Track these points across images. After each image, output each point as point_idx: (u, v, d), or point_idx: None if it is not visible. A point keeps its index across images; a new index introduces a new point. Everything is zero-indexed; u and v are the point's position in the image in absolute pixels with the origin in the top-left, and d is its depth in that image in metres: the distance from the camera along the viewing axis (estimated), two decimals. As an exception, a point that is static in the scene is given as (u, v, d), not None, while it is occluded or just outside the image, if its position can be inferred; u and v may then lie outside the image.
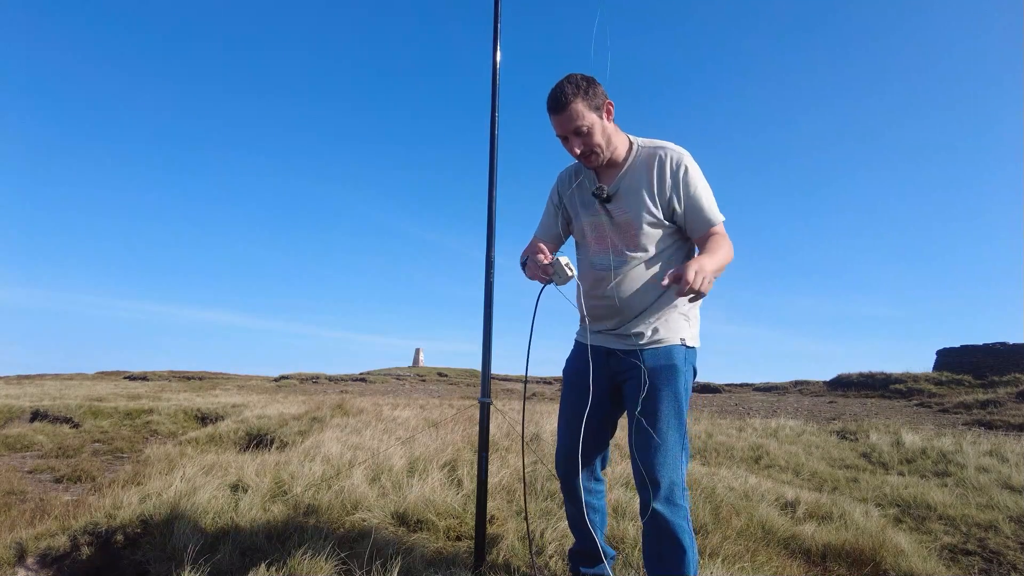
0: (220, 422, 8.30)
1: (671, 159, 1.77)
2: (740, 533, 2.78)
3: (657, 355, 1.76)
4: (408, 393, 20.03)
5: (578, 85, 1.72)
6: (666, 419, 1.73)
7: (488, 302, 2.19)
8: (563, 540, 2.47)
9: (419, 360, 40.54)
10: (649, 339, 1.78)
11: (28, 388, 17.06)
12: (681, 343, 1.78)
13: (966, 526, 3.60)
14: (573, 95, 1.70)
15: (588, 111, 1.72)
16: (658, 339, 1.77)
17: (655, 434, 1.72)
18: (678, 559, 1.71)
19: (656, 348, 1.77)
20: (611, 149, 1.81)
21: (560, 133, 1.78)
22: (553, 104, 1.73)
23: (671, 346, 1.77)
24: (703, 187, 1.78)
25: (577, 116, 1.72)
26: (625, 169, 1.82)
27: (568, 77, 1.74)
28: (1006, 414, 11.47)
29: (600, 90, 1.76)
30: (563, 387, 2.02)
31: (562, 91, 1.71)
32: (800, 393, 19.54)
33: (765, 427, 8.87)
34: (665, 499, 1.71)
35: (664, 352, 1.76)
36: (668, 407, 1.73)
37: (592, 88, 1.74)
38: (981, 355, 19.20)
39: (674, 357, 1.76)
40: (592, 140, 1.76)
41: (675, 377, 1.74)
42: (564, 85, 1.72)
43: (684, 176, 1.75)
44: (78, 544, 2.72)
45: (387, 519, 2.74)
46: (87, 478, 5.23)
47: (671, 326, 1.79)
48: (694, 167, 1.78)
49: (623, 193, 1.81)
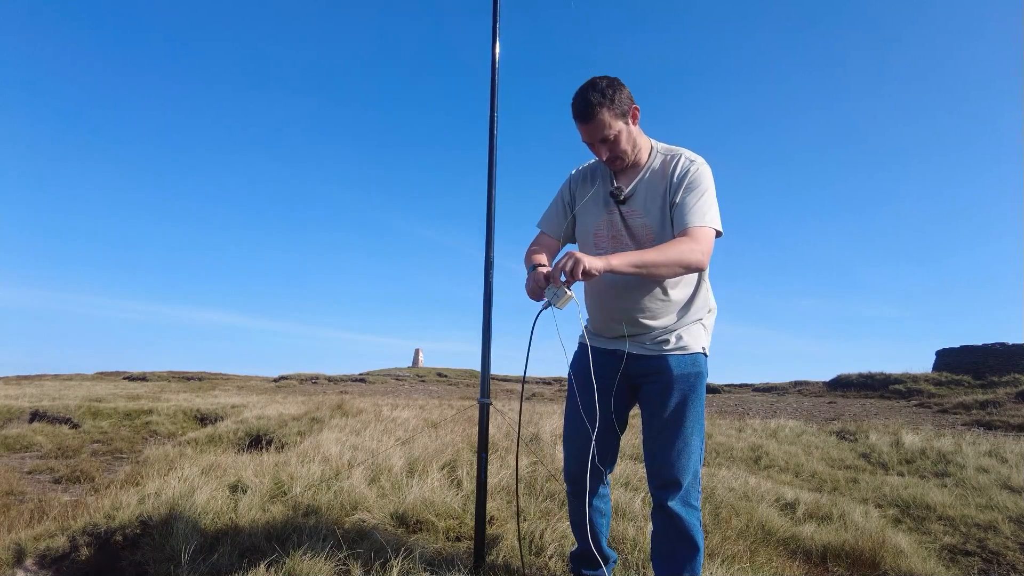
0: (219, 423, 8.30)
1: (683, 163, 1.77)
2: (740, 533, 2.78)
3: (683, 362, 1.78)
4: (408, 393, 20.02)
5: (604, 93, 1.69)
6: (691, 423, 1.77)
7: (487, 302, 2.19)
8: (563, 541, 2.46)
9: (419, 360, 40.53)
10: (675, 345, 1.79)
11: (27, 388, 17.05)
12: (702, 351, 1.82)
13: (965, 526, 3.60)
14: (600, 105, 1.69)
15: (615, 119, 1.72)
16: (683, 346, 1.80)
17: (679, 438, 1.76)
18: (691, 558, 1.74)
19: (682, 355, 1.79)
20: (635, 153, 1.81)
21: (587, 140, 1.78)
22: (579, 114, 1.72)
23: (696, 354, 1.80)
24: (701, 190, 1.73)
25: (604, 126, 1.71)
26: (642, 172, 1.82)
27: (593, 84, 1.71)
28: (1005, 415, 11.47)
29: (625, 94, 1.74)
30: (570, 389, 1.99)
31: (588, 102, 1.69)
32: (800, 393, 19.54)
33: (765, 427, 8.87)
34: (682, 500, 1.75)
35: (690, 359, 1.79)
36: (693, 412, 1.77)
37: (617, 94, 1.71)
38: (980, 356, 19.19)
39: (699, 364, 1.80)
40: (619, 147, 1.76)
41: (699, 383, 1.78)
42: (590, 95, 1.69)
43: (686, 176, 1.74)
44: (77, 545, 2.72)
45: (387, 520, 2.73)
46: (86, 479, 5.23)
47: (693, 334, 1.82)
48: (701, 173, 1.75)
49: (638, 196, 1.81)
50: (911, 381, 18.03)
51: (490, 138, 2.27)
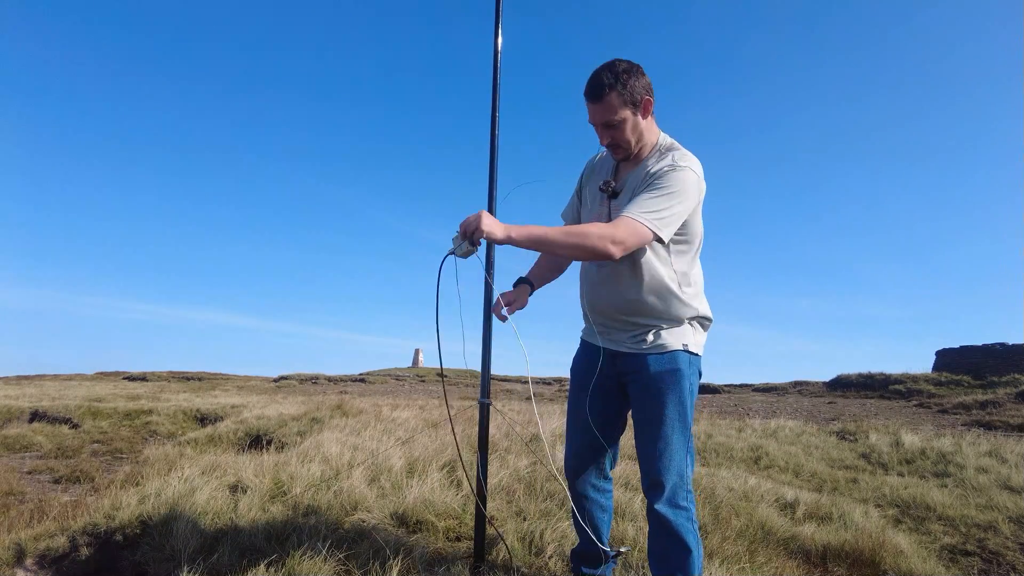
0: (219, 423, 8.29)
1: (665, 162, 1.68)
2: (740, 534, 2.77)
3: (661, 360, 1.74)
4: (408, 394, 20.00)
5: (618, 77, 1.65)
6: (670, 422, 1.72)
7: (488, 302, 2.19)
8: (563, 541, 2.46)
9: (419, 361, 40.51)
10: (652, 344, 1.76)
11: (27, 388, 17.04)
12: (684, 348, 1.76)
13: (965, 527, 3.60)
14: (611, 88, 1.65)
15: (623, 105, 1.67)
16: (661, 344, 1.75)
17: (659, 436, 1.72)
18: (683, 559, 1.70)
19: (660, 354, 1.75)
20: (639, 145, 1.76)
21: (591, 121, 1.75)
22: (589, 91, 1.69)
23: (675, 351, 1.75)
24: (662, 190, 1.61)
25: (609, 109, 1.68)
26: (637, 167, 1.77)
27: (611, 65, 1.67)
28: (1005, 415, 11.47)
29: (642, 83, 1.69)
30: (570, 386, 2.02)
31: (600, 81, 1.66)
32: (799, 394, 19.52)
33: (764, 428, 8.86)
34: (668, 500, 1.72)
35: (668, 357, 1.74)
36: (672, 410, 1.72)
37: (633, 80, 1.67)
38: (980, 356, 19.19)
39: (678, 362, 1.74)
40: (621, 135, 1.72)
41: (679, 381, 1.73)
42: (604, 75, 1.66)
43: (657, 175, 1.66)
44: (77, 545, 2.72)
45: (386, 520, 2.73)
46: (86, 479, 5.23)
47: (674, 333, 1.76)
48: (674, 176, 1.63)
49: (625, 192, 1.77)
50: (911, 381, 18.02)
51: (491, 137, 2.26)
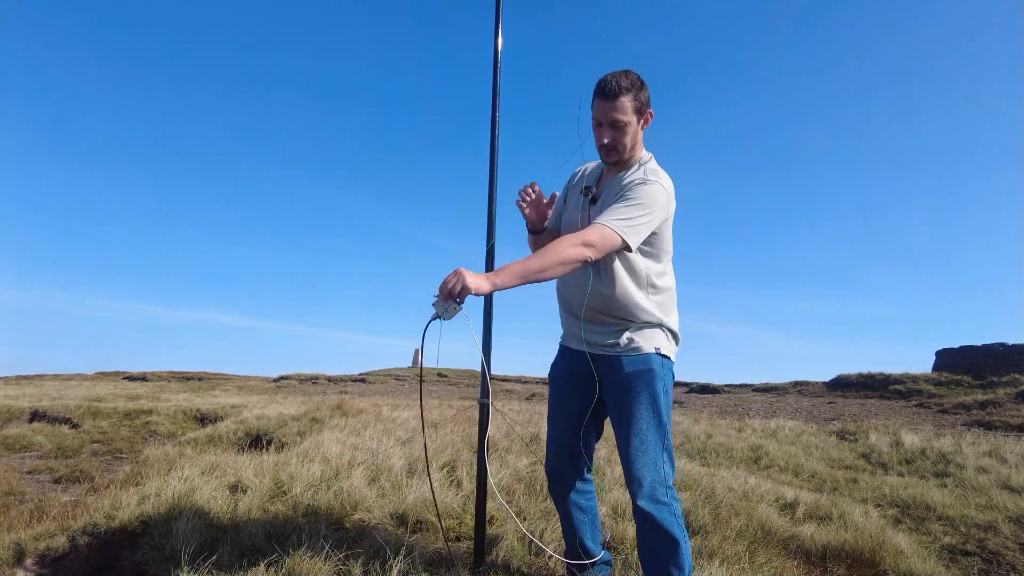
0: (219, 423, 8.29)
1: (638, 175, 1.79)
2: (739, 534, 2.78)
3: (635, 361, 1.81)
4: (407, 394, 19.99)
5: (632, 83, 1.76)
6: (646, 420, 1.78)
7: (487, 303, 2.19)
8: (562, 541, 2.46)
9: (419, 361, 40.52)
10: (626, 347, 1.82)
11: (27, 388, 17.04)
12: (656, 351, 1.83)
13: (965, 527, 3.60)
14: (626, 90, 1.75)
15: (632, 111, 1.78)
16: (635, 347, 1.82)
17: (635, 435, 1.78)
18: (671, 552, 1.75)
19: (633, 355, 1.82)
20: (630, 154, 1.85)
21: (598, 118, 1.81)
22: (603, 89, 1.76)
23: (648, 354, 1.82)
24: (632, 201, 1.69)
25: (620, 110, 1.76)
26: (616, 177, 1.86)
27: (626, 72, 1.78)
28: (1005, 415, 11.47)
29: (647, 96, 1.82)
30: (550, 390, 2.08)
31: (617, 82, 1.75)
32: (799, 394, 19.52)
33: (764, 428, 8.87)
34: (649, 497, 1.77)
35: (642, 359, 1.81)
36: (646, 408, 1.79)
37: (642, 92, 1.79)
38: (980, 356, 19.19)
39: (651, 363, 1.81)
40: (621, 138, 1.80)
41: (652, 381, 1.79)
42: (620, 77, 1.76)
43: (629, 186, 1.75)
44: (77, 544, 2.72)
45: (386, 520, 2.74)
46: (86, 479, 5.23)
47: (646, 336, 1.83)
48: (644, 189, 1.72)
49: (603, 199, 1.85)
50: (911, 381, 18.02)
51: (492, 138, 2.26)
